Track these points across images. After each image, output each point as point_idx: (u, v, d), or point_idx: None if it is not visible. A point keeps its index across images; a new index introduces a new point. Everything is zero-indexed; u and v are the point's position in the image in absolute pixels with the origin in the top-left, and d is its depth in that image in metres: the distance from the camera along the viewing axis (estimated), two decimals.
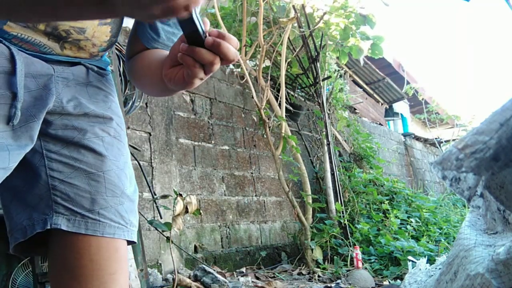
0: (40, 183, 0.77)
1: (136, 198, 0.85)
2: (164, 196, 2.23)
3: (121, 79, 2.43)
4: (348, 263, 3.11)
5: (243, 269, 3.08)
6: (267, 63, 3.74)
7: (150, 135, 2.81)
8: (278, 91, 3.67)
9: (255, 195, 3.60)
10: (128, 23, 1.32)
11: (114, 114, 0.85)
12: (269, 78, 3.65)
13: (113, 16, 0.57)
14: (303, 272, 3.10)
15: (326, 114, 3.99)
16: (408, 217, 3.98)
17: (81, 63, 0.82)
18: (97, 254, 0.76)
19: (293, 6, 3.64)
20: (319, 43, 3.96)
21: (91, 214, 0.77)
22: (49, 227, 0.75)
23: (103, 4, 0.51)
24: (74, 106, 0.79)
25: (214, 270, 2.52)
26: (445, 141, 8.71)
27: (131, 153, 2.33)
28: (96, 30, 0.80)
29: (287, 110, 3.82)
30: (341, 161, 4.60)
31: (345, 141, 4.97)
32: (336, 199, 3.75)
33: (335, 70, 4.66)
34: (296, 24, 3.77)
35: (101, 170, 0.79)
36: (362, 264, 2.94)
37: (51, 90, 0.75)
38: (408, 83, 8.49)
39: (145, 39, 0.85)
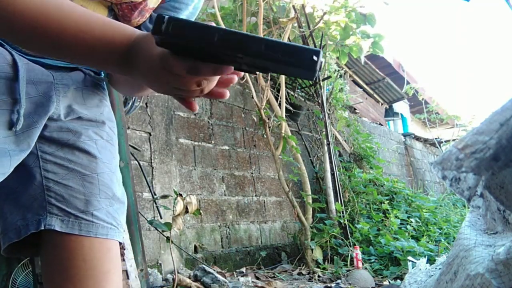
0: (34, 184, 0.77)
1: (125, 201, 0.87)
2: (164, 196, 2.23)
3: None
4: (348, 263, 3.11)
5: (243, 269, 3.08)
6: None
7: (150, 135, 2.81)
8: (278, 91, 3.67)
9: (255, 195, 3.60)
10: None
11: (106, 119, 0.87)
12: (269, 78, 3.65)
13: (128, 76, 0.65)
14: (303, 272, 3.10)
15: (326, 114, 3.99)
16: (408, 217, 3.98)
17: (79, 68, 0.83)
18: (90, 254, 0.77)
19: (293, 6, 3.64)
20: (319, 43, 3.96)
21: (85, 215, 0.77)
22: (42, 228, 0.75)
23: (123, 71, 0.61)
24: (66, 114, 0.80)
25: (214, 270, 2.52)
26: (445, 141, 8.71)
27: (131, 153, 2.33)
28: None
29: (287, 110, 3.82)
30: (341, 161, 4.60)
31: (345, 141, 4.97)
32: (336, 199, 3.75)
33: (335, 70, 4.66)
34: (296, 24, 3.77)
35: (95, 172, 0.80)
36: (362, 264, 2.93)
37: (51, 98, 0.76)
38: (408, 83, 8.49)
39: None
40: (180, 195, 2.05)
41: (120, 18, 0.84)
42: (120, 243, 0.84)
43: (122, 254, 1.76)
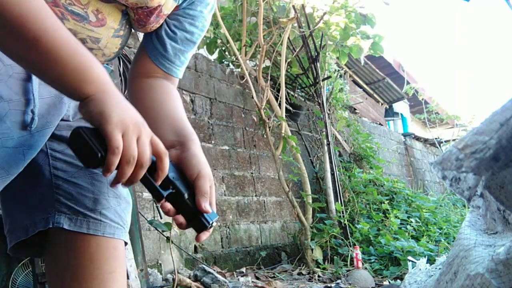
0: (43, 182, 0.77)
1: (130, 201, 0.87)
2: None
3: (121, 79, 2.43)
4: (348, 263, 3.11)
5: (243, 269, 3.08)
6: (267, 63, 3.73)
7: None
8: (278, 91, 3.67)
9: (255, 195, 3.60)
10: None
11: None
12: (269, 78, 3.65)
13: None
14: (303, 272, 3.10)
15: (326, 114, 3.98)
16: (408, 217, 3.98)
17: None
18: (96, 253, 0.76)
19: (293, 6, 3.64)
20: (319, 43, 3.96)
21: (93, 214, 0.77)
22: (51, 226, 0.75)
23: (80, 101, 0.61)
24: (74, 114, 0.81)
25: (214, 270, 2.52)
26: (445, 141, 8.71)
27: None
28: (109, 42, 0.81)
29: (287, 110, 3.81)
30: (341, 161, 4.60)
31: (345, 141, 4.97)
32: (336, 199, 3.75)
33: (335, 70, 4.66)
34: (296, 24, 3.77)
35: None
36: (362, 264, 2.93)
37: (63, 99, 0.76)
38: (408, 83, 8.50)
39: (150, 49, 0.86)
40: None
41: (134, 23, 0.83)
42: (126, 243, 0.84)
43: None
